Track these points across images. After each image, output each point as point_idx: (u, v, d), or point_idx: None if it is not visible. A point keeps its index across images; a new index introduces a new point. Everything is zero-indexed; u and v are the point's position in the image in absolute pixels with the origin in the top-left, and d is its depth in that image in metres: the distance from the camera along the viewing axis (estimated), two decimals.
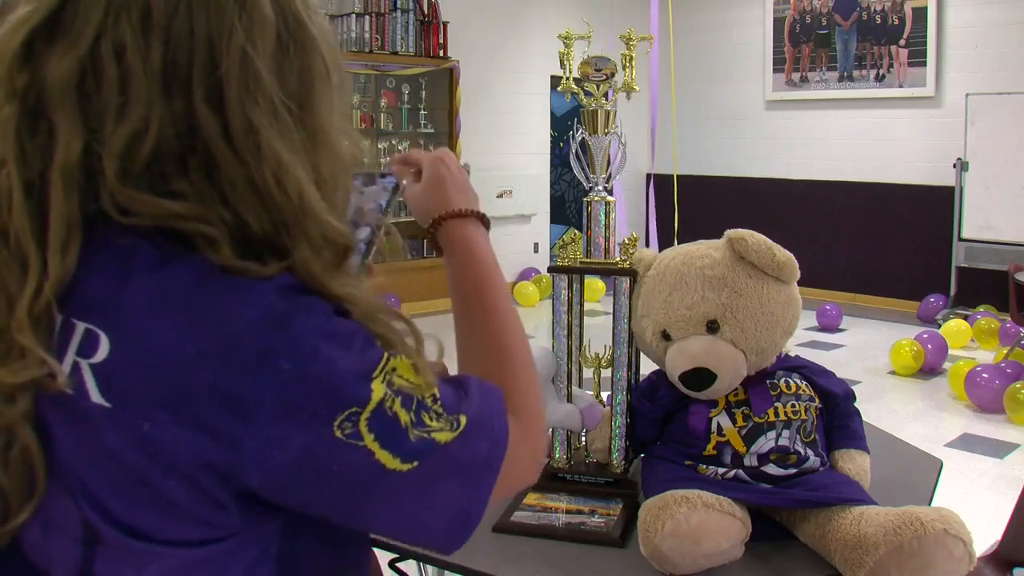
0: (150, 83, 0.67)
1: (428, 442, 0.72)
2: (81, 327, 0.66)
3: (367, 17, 7.10)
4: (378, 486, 0.71)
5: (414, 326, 0.78)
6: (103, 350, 0.66)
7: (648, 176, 5.96)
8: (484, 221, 0.98)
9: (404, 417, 0.72)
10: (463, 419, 0.75)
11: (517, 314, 0.93)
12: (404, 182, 1.01)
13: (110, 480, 0.66)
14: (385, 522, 0.75)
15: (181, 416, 0.65)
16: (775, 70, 8.47)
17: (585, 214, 1.76)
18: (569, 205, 9.14)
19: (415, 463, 0.72)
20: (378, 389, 0.70)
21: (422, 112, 7.61)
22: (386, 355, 0.73)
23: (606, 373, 1.76)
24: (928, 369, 5.64)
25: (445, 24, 7.55)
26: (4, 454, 0.66)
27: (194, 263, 0.68)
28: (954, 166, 7.15)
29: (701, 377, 1.52)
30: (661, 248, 1.76)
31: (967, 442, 4.47)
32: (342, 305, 0.73)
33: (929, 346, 5.66)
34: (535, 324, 7.28)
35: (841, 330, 6.97)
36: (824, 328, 6.94)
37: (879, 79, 7.80)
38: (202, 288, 0.68)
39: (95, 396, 0.66)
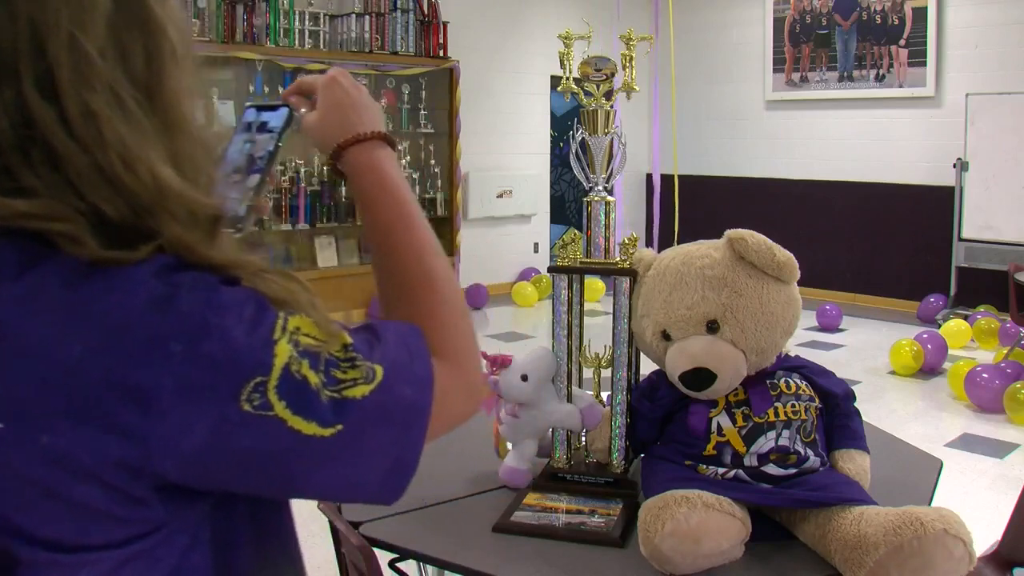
0: None
1: (344, 401, 0.70)
2: None
3: (367, 17, 7.10)
4: (300, 455, 0.69)
5: (303, 282, 0.75)
6: None
7: (648, 176, 5.97)
8: (389, 141, 0.92)
9: (313, 379, 0.69)
10: (379, 369, 0.72)
11: (437, 241, 0.88)
12: (302, 111, 0.93)
13: (19, 499, 0.64)
14: (319, 488, 0.74)
15: (82, 420, 0.63)
16: (775, 70, 8.47)
17: (585, 214, 1.76)
18: (569, 205, 9.15)
19: (338, 426, 0.69)
20: (282, 353, 0.68)
21: (422, 112, 7.61)
22: (282, 315, 0.70)
23: (606, 373, 1.76)
24: (928, 369, 5.64)
25: (445, 24, 7.56)
26: None
27: (60, 262, 0.65)
28: (954, 166, 7.15)
29: (701, 377, 1.52)
30: (660, 248, 1.76)
31: (967, 442, 4.47)
32: (228, 272, 0.70)
33: (929, 346, 5.66)
34: (535, 324, 7.28)
35: (841, 330, 6.97)
36: (824, 328, 6.94)
37: (879, 79, 7.80)
38: (75, 286, 0.65)
39: None
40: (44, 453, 0.63)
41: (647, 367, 1.74)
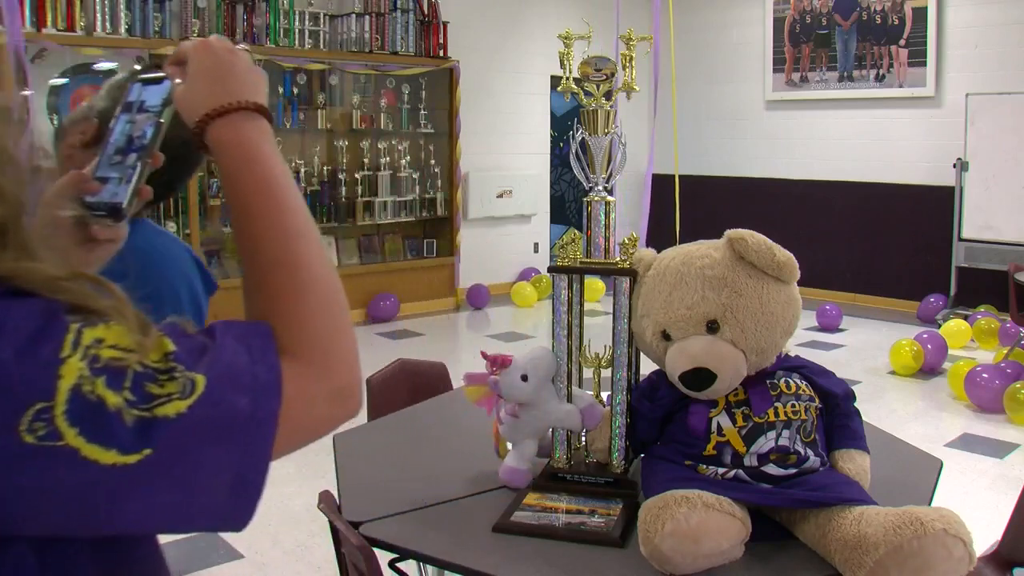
0: None
1: (154, 421, 0.62)
2: None
3: (367, 17, 7.10)
4: (103, 487, 0.61)
5: (111, 286, 0.68)
6: None
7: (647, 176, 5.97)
8: (264, 113, 0.83)
9: (112, 399, 0.61)
10: (200, 380, 0.64)
11: (310, 226, 0.79)
12: (177, 82, 0.84)
13: None
14: (139, 521, 0.64)
15: None
16: (775, 70, 8.47)
17: (585, 214, 1.76)
18: (569, 205, 9.15)
19: (147, 451, 0.61)
20: (70, 373, 0.60)
21: (422, 112, 7.62)
22: (74, 328, 0.62)
23: (606, 373, 1.76)
24: (928, 369, 5.64)
25: (445, 24, 7.56)
26: None
27: None
28: (954, 166, 7.15)
29: (701, 377, 1.52)
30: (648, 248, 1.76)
31: (967, 442, 4.47)
32: (11, 284, 0.63)
33: (929, 346, 5.66)
34: (535, 324, 7.28)
35: (841, 330, 6.97)
36: (824, 328, 6.94)
37: (879, 79, 7.80)
38: None
39: None
40: None
41: (647, 367, 1.74)
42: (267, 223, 0.77)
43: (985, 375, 4.91)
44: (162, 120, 0.84)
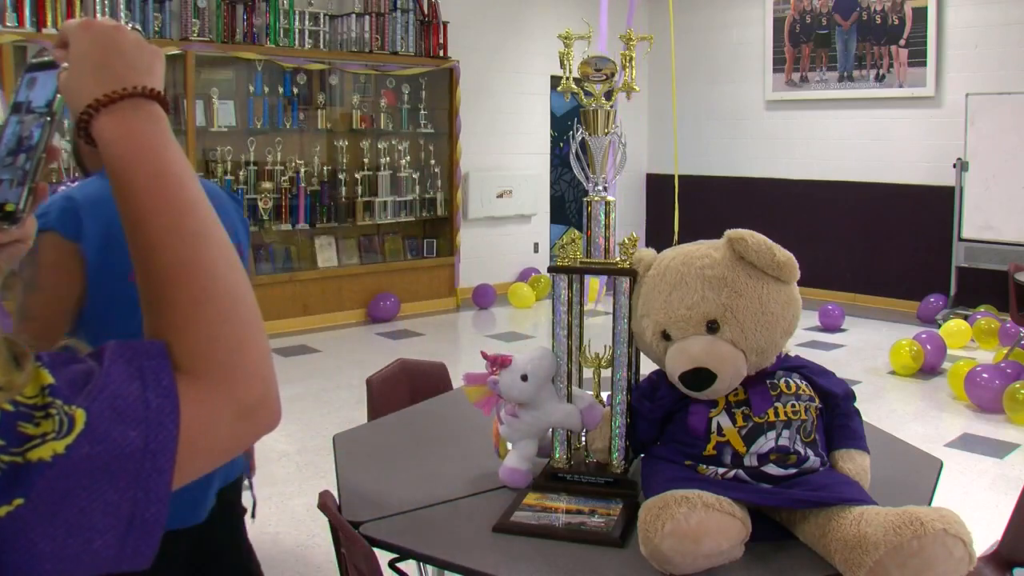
0: None
1: (27, 466, 0.56)
2: None
3: (367, 17, 7.10)
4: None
5: None
6: None
7: (647, 176, 5.97)
8: (157, 97, 0.72)
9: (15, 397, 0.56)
10: (79, 415, 0.58)
11: (214, 228, 0.70)
12: (64, 66, 0.74)
13: None
14: (26, 572, 0.57)
15: None
16: (775, 70, 8.47)
17: (585, 214, 1.76)
18: (569, 205, 9.14)
19: (18, 500, 0.55)
20: None
21: (422, 112, 7.61)
22: None
23: (606, 373, 1.76)
24: (928, 369, 5.64)
25: (445, 24, 7.56)
26: None
27: None
28: (954, 166, 7.15)
29: (701, 377, 1.52)
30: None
31: (967, 442, 4.47)
32: None
33: (929, 346, 5.66)
34: (534, 324, 7.28)
35: (841, 330, 6.97)
36: (826, 328, 6.94)
37: (879, 79, 7.80)
38: None
39: None
40: None
41: (647, 367, 1.74)
42: (160, 225, 0.68)
43: (985, 375, 4.91)
44: (54, 111, 0.75)
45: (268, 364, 0.69)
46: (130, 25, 0.75)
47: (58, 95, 0.74)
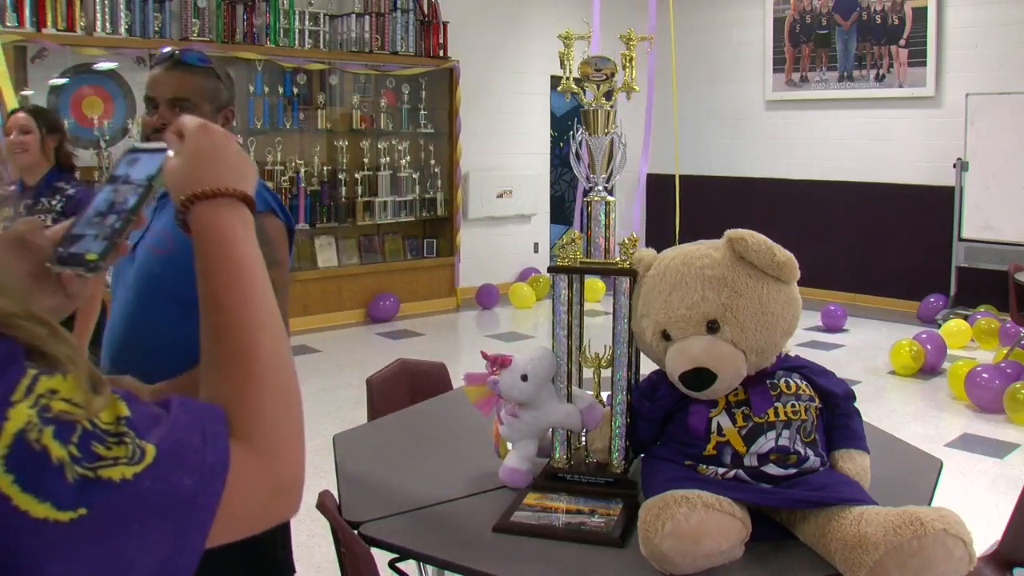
0: None
1: (97, 482, 0.60)
2: None
3: (367, 17, 7.10)
4: (29, 541, 0.58)
5: (66, 337, 0.65)
6: None
7: (647, 176, 5.96)
8: (248, 202, 0.83)
9: (58, 451, 0.59)
10: (151, 450, 0.63)
11: (276, 321, 0.79)
12: (171, 153, 0.86)
13: None
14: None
15: None
16: (775, 70, 8.47)
17: (585, 214, 1.76)
18: (569, 205, 9.14)
19: (82, 510, 0.59)
20: (17, 417, 0.58)
21: (422, 112, 7.61)
22: (31, 373, 0.60)
23: (606, 373, 1.76)
24: (928, 369, 5.64)
25: (445, 24, 7.56)
26: None
27: None
28: (954, 166, 7.15)
29: (701, 377, 1.52)
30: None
31: (967, 442, 4.47)
32: None
33: (929, 346, 5.66)
34: (534, 324, 7.28)
35: (842, 330, 6.97)
36: (828, 328, 6.94)
37: (879, 79, 7.80)
38: None
39: None
40: None
41: (647, 367, 1.74)
42: (234, 312, 0.77)
43: (985, 375, 4.91)
44: (152, 186, 0.85)
45: (303, 454, 0.77)
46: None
47: (160, 174, 0.85)
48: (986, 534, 2.03)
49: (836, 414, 1.64)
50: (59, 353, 0.63)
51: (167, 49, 1.83)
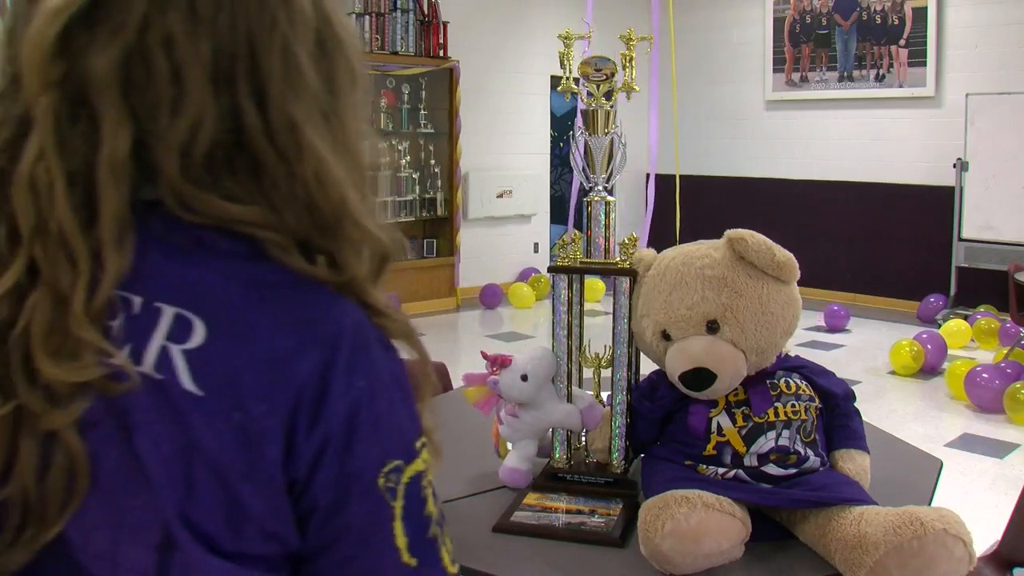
0: (202, 76, 0.63)
1: (438, 549, 0.67)
2: (170, 312, 0.62)
3: (367, 17, 7.10)
4: (374, 563, 0.65)
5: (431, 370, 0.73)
6: (198, 336, 0.62)
7: (647, 176, 5.96)
8: None
9: (431, 507, 0.67)
10: (455, 568, 0.70)
11: None
12: None
13: (189, 478, 0.61)
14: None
15: (274, 407, 0.62)
16: (775, 70, 8.47)
17: (585, 214, 1.76)
18: (569, 205, 9.14)
19: (415, 561, 0.66)
20: (422, 458, 0.67)
21: (422, 112, 7.61)
22: (423, 438, 0.69)
23: (606, 373, 1.76)
24: (928, 369, 5.64)
25: (445, 24, 7.55)
26: (44, 460, 0.60)
27: (268, 267, 0.66)
28: (954, 166, 7.15)
29: (701, 377, 1.52)
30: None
31: (967, 442, 4.47)
32: (383, 319, 0.69)
33: (929, 346, 5.66)
34: (534, 324, 7.28)
35: (843, 330, 6.97)
36: (830, 328, 6.94)
37: (879, 79, 7.80)
38: (291, 288, 0.66)
39: (186, 383, 0.61)
40: (232, 429, 0.61)
41: (647, 367, 1.74)
42: None
43: (985, 375, 4.91)
44: None
45: None
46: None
47: None
48: (986, 534, 2.03)
49: (836, 414, 1.64)
50: (427, 390, 0.73)
51: None
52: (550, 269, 1.73)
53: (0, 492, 0.60)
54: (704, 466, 1.53)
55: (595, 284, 7.19)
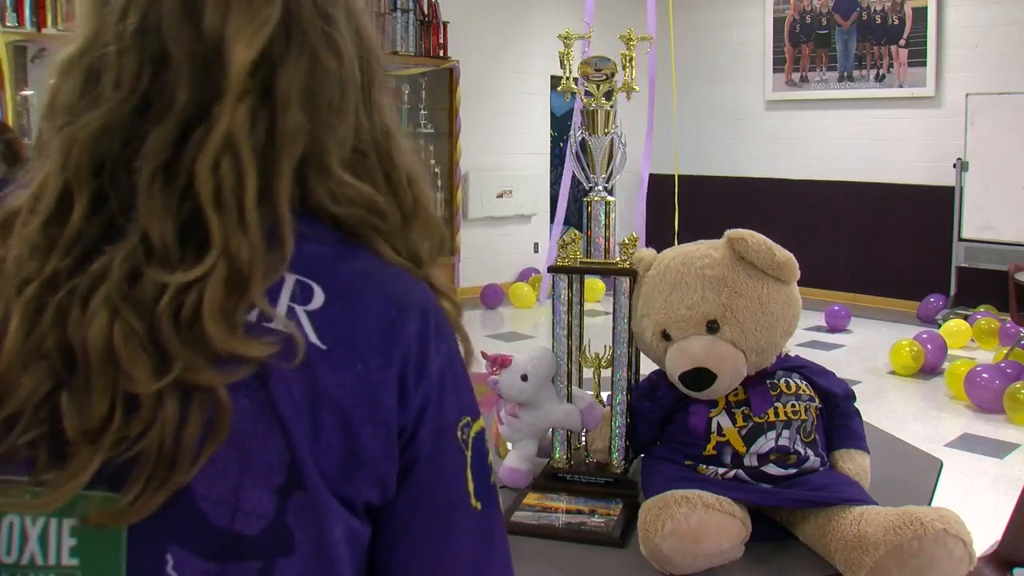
0: (356, 82, 0.73)
1: (496, 495, 0.76)
2: (291, 278, 0.69)
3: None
4: (453, 504, 0.73)
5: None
6: (318, 299, 0.69)
7: (645, 176, 5.96)
8: None
9: (490, 458, 0.76)
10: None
11: None
12: None
13: (315, 423, 0.66)
14: (453, 555, 0.75)
15: (389, 361, 0.69)
16: (775, 70, 8.47)
17: (585, 214, 1.76)
18: (569, 205, 9.14)
19: (480, 504, 0.74)
20: (481, 419, 0.75)
21: (422, 112, 7.61)
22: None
23: (606, 373, 1.76)
24: (928, 369, 5.64)
25: (445, 24, 7.55)
26: (182, 413, 0.63)
27: (365, 255, 0.74)
28: (954, 166, 7.15)
29: (701, 377, 1.52)
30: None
31: (967, 442, 4.47)
32: (442, 298, 0.77)
33: (929, 346, 5.66)
34: (535, 324, 7.28)
35: (844, 331, 6.97)
36: (831, 329, 6.94)
37: (879, 79, 7.80)
38: (385, 271, 0.73)
39: (312, 338, 0.67)
40: (355, 379, 0.67)
41: (647, 367, 1.74)
42: None
43: (985, 375, 4.91)
44: None
45: None
46: None
47: None
48: (986, 534, 2.03)
49: (836, 414, 1.64)
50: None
51: None
52: (550, 269, 1.73)
53: (136, 446, 0.62)
54: (704, 466, 1.53)
55: (595, 284, 7.19)
